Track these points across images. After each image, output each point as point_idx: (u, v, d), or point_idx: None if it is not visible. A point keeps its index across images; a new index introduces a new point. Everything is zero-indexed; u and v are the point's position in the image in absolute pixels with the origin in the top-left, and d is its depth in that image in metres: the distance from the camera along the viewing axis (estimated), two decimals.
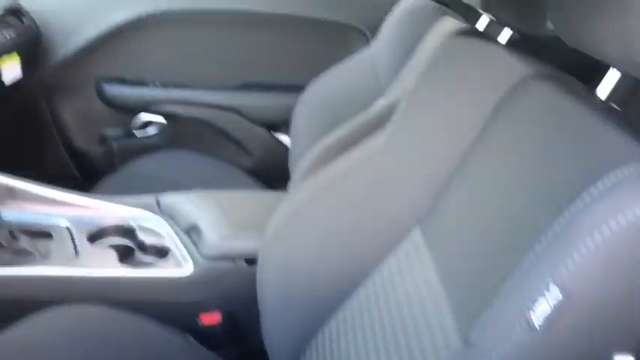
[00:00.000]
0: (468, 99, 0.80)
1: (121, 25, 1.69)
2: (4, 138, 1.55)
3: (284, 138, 1.77)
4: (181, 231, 1.12)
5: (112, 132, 1.81)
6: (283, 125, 1.72)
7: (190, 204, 1.14)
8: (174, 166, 1.66)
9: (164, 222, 1.15)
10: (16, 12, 1.57)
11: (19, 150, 1.52)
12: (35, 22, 1.63)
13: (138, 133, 1.82)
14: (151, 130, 1.81)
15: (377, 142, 0.92)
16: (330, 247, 0.86)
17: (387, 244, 0.81)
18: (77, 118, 1.78)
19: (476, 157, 0.73)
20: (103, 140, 1.81)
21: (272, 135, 1.78)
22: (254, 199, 1.28)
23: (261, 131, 1.77)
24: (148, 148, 1.76)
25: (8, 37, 1.51)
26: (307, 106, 1.61)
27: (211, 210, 1.11)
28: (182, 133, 1.79)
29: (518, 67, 0.75)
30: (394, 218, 0.82)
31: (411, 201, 0.81)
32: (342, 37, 1.73)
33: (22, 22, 1.58)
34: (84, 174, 1.77)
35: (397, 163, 0.86)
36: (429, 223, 0.77)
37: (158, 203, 1.18)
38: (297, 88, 1.64)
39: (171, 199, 1.18)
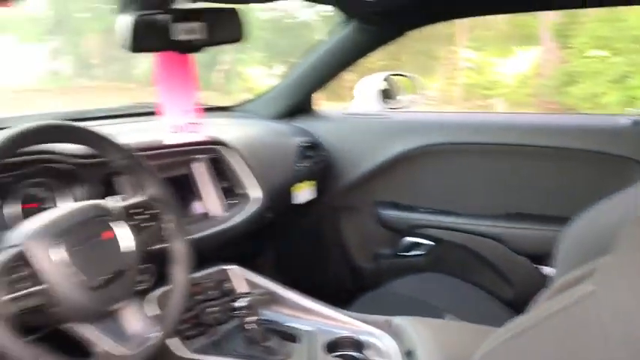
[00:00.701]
0: None
1: (399, 155, 1.88)
2: (297, 250, 1.86)
3: (547, 270, 1.66)
4: (402, 353, 1.16)
5: (383, 251, 1.97)
6: (546, 257, 1.62)
7: (413, 329, 1.18)
8: (433, 288, 1.71)
9: (392, 341, 1.21)
10: (315, 146, 1.91)
11: (305, 261, 1.77)
12: (330, 153, 1.95)
13: (405, 254, 1.94)
14: (417, 252, 1.91)
15: None
16: None
17: None
18: (356, 237, 2.01)
19: None
20: (376, 258, 1.98)
21: (534, 266, 1.70)
22: (483, 332, 1.24)
23: (524, 262, 1.71)
24: (412, 268, 1.85)
25: (306, 167, 1.84)
26: (572, 239, 1.50)
27: (430, 338, 1.13)
28: (445, 257, 1.84)
29: None
30: None
31: None
32: (613, 169, 1.60)
33: (319, 153, 1.91)
34: (357, 288, 1.95)
35: None
36: None
37: (389, 323, 1.25)
38: (563, 220, 1.55)
39: (402, 322, 1.24)
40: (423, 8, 1.62)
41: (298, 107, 2.04)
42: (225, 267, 1.39)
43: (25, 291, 0.83)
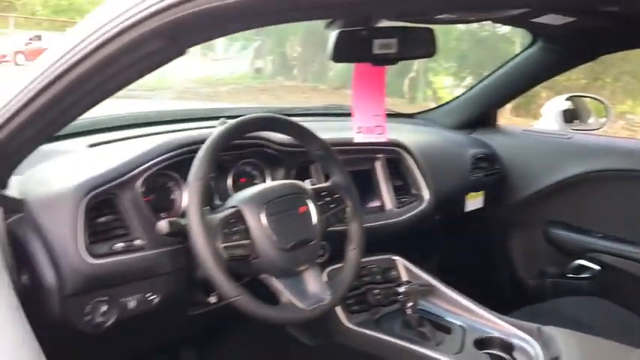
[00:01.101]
0: None
1: (576, 177, 1.88)
2: (460, 253, 1.96)
3: None
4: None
5: (549, 269, 1.97)
6: None
7: (562, 339, 1.23)
8: (594, 312, 1.69)
9: (538, 348, 1.27)
10: (490, 158, 1.98)
11: (467, 267, 1.86)
12: (504, 167, 2.01)
13: (572, 276, 1.92)
14: (584, 275, 1.89)
15: None
16: None
17: None
18: (522, 251, 2.04)
19: None
20: (540, 275, 1.99)
21: None
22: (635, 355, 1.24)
23: None
24: (576, 290, 1.84)
25: (479, 178, 1.93)
26: None
27: (576, 349, 1.17)
28: (612, 283, 1.80)
29: None
30: None
31: None
32: None
33: (493, 166, 1.98)
34: (516, 300, 1.98)
35: None
36: None
37: (539, 330, 1.30)
38: None
39: (552, 331, 1.28)
40: (618, 32, 1.61)
41: (478, 120, 2.12)
42: (392, 257, 1.54)
43: (236, 242, 1.06)
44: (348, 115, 1.27)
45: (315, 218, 1.16)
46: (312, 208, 1.16)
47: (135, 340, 1.30)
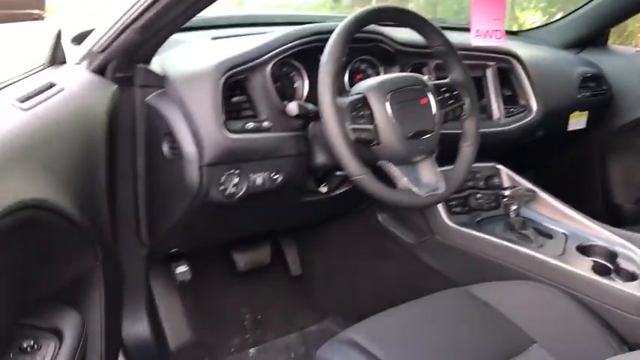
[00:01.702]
0: None
1: None
2: (557, 173, 1.95)
3: None
4: None
5: None
6: None
7: None
8: None
9: None
10: (598, 78, 1.92)
11: (563, 185, 1.84)
12: (612, 88, 1.95)
13: None
14: None
15: None
16: None
17: None
18: (620, 175, 2.00)
19: None
20: (638, 202, 1.96)
21: None
22: None
23: None
24: None
25: (585, 97, 1.89)
26: None
27: None
28: None
29: None
30: None
31: None
32: None
33: (601, 86, 1.93)
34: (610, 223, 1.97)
35: None
36: None
37: None
38: None
39: None
40: None
41: (588, 39, 2.05)
42: (496, 165, 1.56)
43: (362, 126, 1.12)
44: None
45: (435, 110, 1.19)
46: (432, 100, 1.19)
47: (255, 217, 1.40)
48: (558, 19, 2.13)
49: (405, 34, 1.42)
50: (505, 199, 1.42)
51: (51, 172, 0.79)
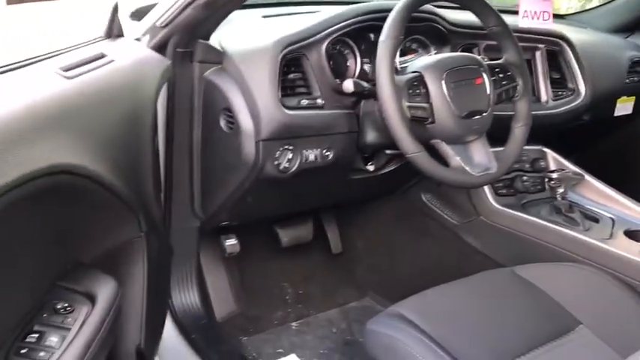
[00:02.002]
0: None
1: None
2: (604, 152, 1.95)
3: None
4: None
5: None
6: None
7: None
8: None
9: None
10: None
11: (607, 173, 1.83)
12: None
13: None
14: None
15: None
16: None
17: None
18: None
19: None
20: None
21: None
22: None
23: None
24: None
25: (634, 82, 1.87)
26: None
27: None
28: None
29: None
30: None
31: None
32: None
33: None
34: None
35: None
36: None
37: None
38: None
39: None
40: None
41: (637, 23, 2.01)
42: (543, 148, 1.56)
43: (418, 104, 1.13)
44: None
45: (489, 90, 1.19)
46: (487, 80, 1.19)
47: (304, 193, 1.43)
48: (606, 3, 2.10)
49: (457, 15, 1.42)
50: (552, 182, 1.42)
51: (89, 140, 0.80)
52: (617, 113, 1.87)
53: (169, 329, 1.33)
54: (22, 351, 0.75)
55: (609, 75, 1.79)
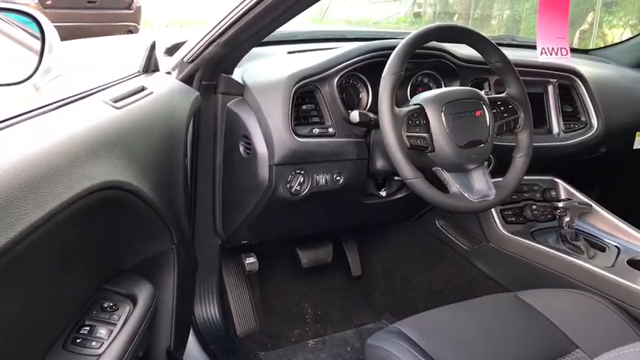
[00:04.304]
0: None
1: None
2: (621, 192, 1.97)
3: None
4: None
5: None
6: None
7: None
8: None
9: None
10: None
11: (629, 203, 1.84)
12: None
13: None
14: None
15: None
16: None
17: None
18: None
19: None
20: None
21: None
22: None
23: None
24: None
25: None
26: None
27: None
28: None
29: None
30: None
31: None
32: None
33: None
34: None
35: None
36: None
37: None
38: None
39: None
40: None
41: None
42: (554, 178, 1.61)
43: (417, 134, 1.22)
44: None
45: (489, 122, 1.27)
46: (487, 113, 1.27)
47: (317, 215, 1.53)
48: (631, 37, 2.14)
49: (467, 51, 1.51)
50: (559, 211, 1.47)
51: (135, 161, 0.94)
52: (637, 146, 1.89)
53: (191, 338, 1.43)
54: (78, 340, 0.89)
55: (626, 108, 1.83)
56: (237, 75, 1.36)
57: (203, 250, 1.45)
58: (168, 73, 1.33)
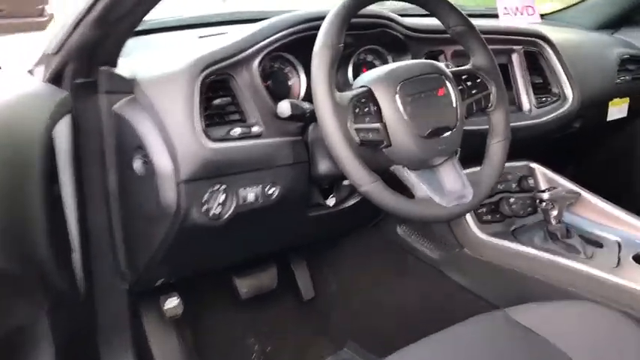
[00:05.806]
0: None
1: None
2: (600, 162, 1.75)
3: None
4: None
5: None
6: None
7: None
8: None
9: None
10: (637, 59, 1.71)
11: (606, 180, 1.63)
12: None
13: None
14: None
15: None
16: None
17: None
18: None
19: None
20: None
21: None
22: None
23: None
24: None
25: (625, 82, 1.67)
26: None
27: None
28: None
29: None
30: None
31: None
32: None
33: None
34: None
35: None
36: None
37: None
38: None
39: None
40: None
41: (623, 18, 1.84)
42: (530, 163, 1.35)
43: (368, 125, 0.92)
44: None
45: (455, 102, 0.99)
46: (451, 90, 0.99)
47: (252, 239, 1.21)
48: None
49: (416, 19, 1.23)
50: (543, 204, 1.21)
51: None
52: (610, 117, 1.67)
53: None
54: None
55: (598, 76, 1.60)
56: (124, 67, 1.02)
57: (106, 298, 1.12)
58: (30, 72, 0.99)
